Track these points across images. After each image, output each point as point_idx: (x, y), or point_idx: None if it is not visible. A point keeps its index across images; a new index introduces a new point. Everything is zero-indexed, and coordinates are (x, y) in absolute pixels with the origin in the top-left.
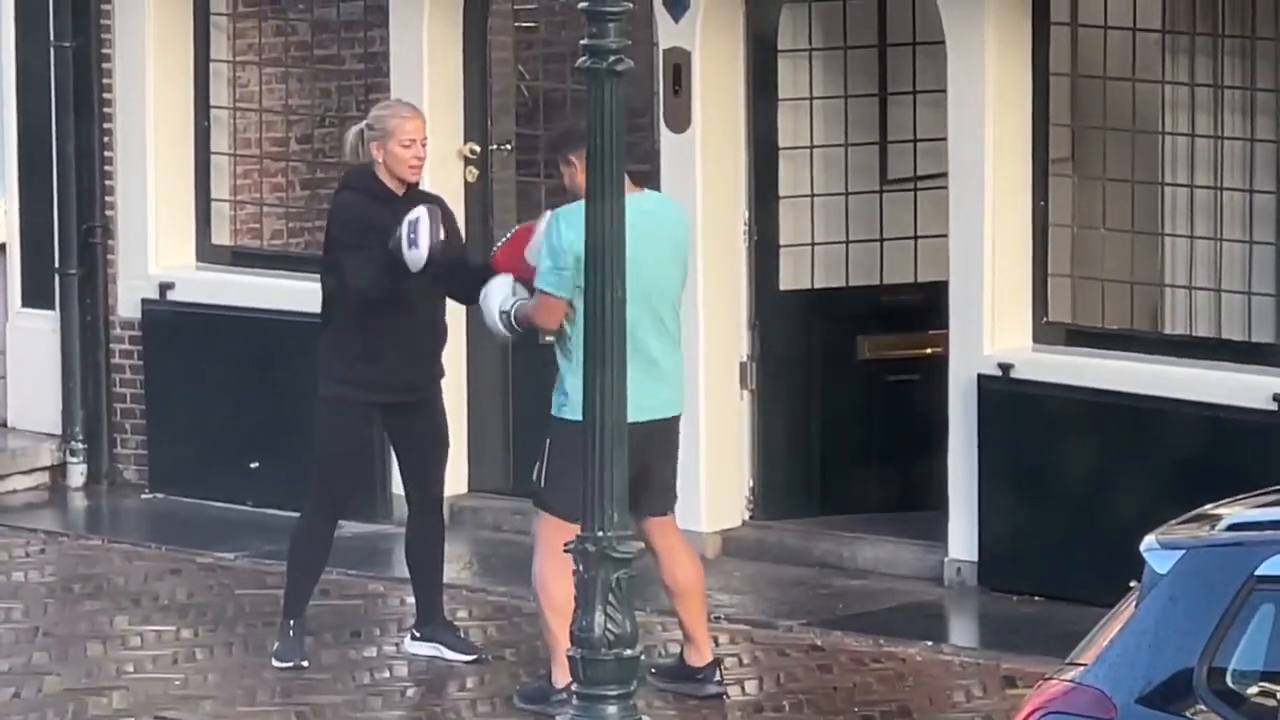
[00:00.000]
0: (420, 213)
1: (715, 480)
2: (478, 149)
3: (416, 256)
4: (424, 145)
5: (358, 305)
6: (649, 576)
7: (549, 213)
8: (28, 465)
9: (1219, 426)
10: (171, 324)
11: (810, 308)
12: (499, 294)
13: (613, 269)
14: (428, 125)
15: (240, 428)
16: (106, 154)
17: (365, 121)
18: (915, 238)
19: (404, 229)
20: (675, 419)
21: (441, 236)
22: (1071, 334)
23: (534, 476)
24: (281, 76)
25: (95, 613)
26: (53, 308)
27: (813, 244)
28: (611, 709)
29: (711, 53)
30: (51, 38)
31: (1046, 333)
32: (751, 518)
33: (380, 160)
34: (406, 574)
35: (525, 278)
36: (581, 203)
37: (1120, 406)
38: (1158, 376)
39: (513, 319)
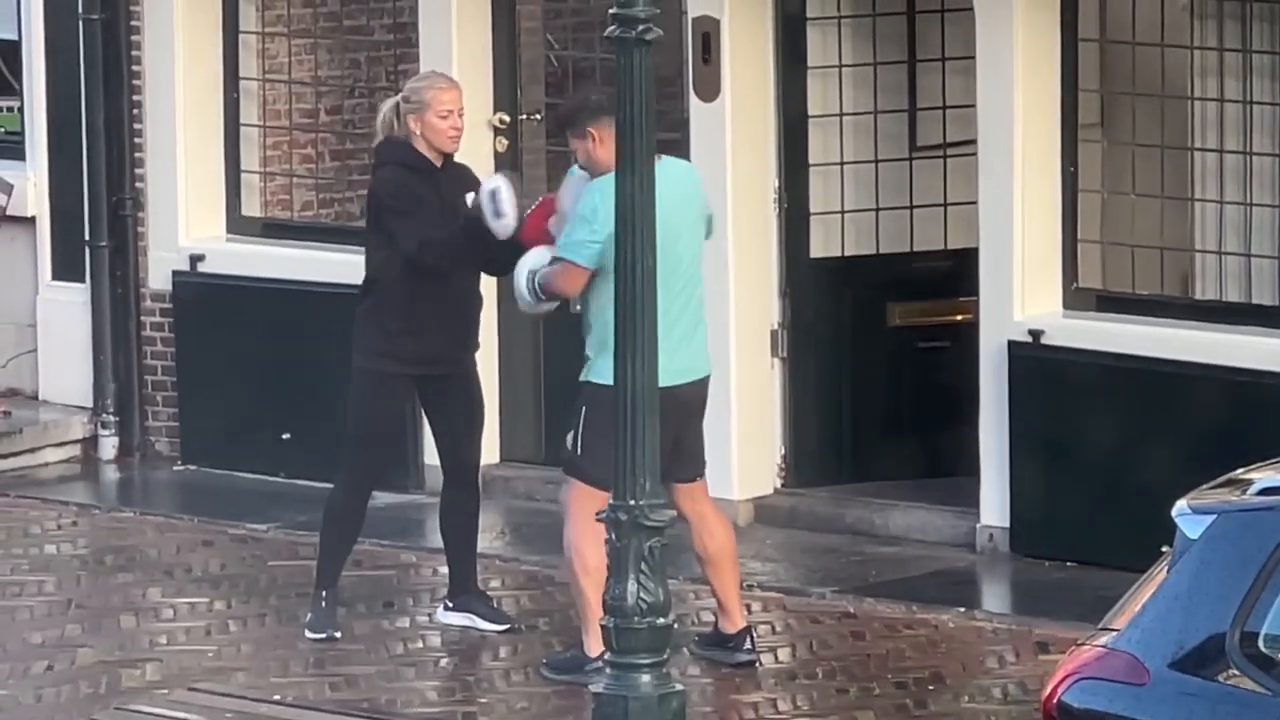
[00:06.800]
0: (498, 182)
1: (747, 448)
2: (507, 119)
3: (505, 225)
4: (461, 116)
5: (404, 279)
6: (681, 545)
7: (575, 169)
8: (59, 438)
9: (1250, 391)
10: (202, 296)
11: (841, 275)
12: (533, 260)
13: (643, 239)
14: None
15: (271, 399)
16: (136, 126)
17: (400, 95)
18: (945, 205)
19: (484, 200)
20: (707, 379)
21: (517, 205)
22: (1101, 300)
23: (568, 444)
24: (310, 48)
25: (128, 585)
26: (83, 280)
27: (843, 211)
28: (644, 677)
29: (740, 21)
30: (80, 10)
31: (1076, 298)
32: (783, 485)
33: (418, 132)
34: (439, 544)
35: (550, 246)
36: (613, 176)
37: (1150, 372)
38: (1188, 342)
39: (536, 281)
